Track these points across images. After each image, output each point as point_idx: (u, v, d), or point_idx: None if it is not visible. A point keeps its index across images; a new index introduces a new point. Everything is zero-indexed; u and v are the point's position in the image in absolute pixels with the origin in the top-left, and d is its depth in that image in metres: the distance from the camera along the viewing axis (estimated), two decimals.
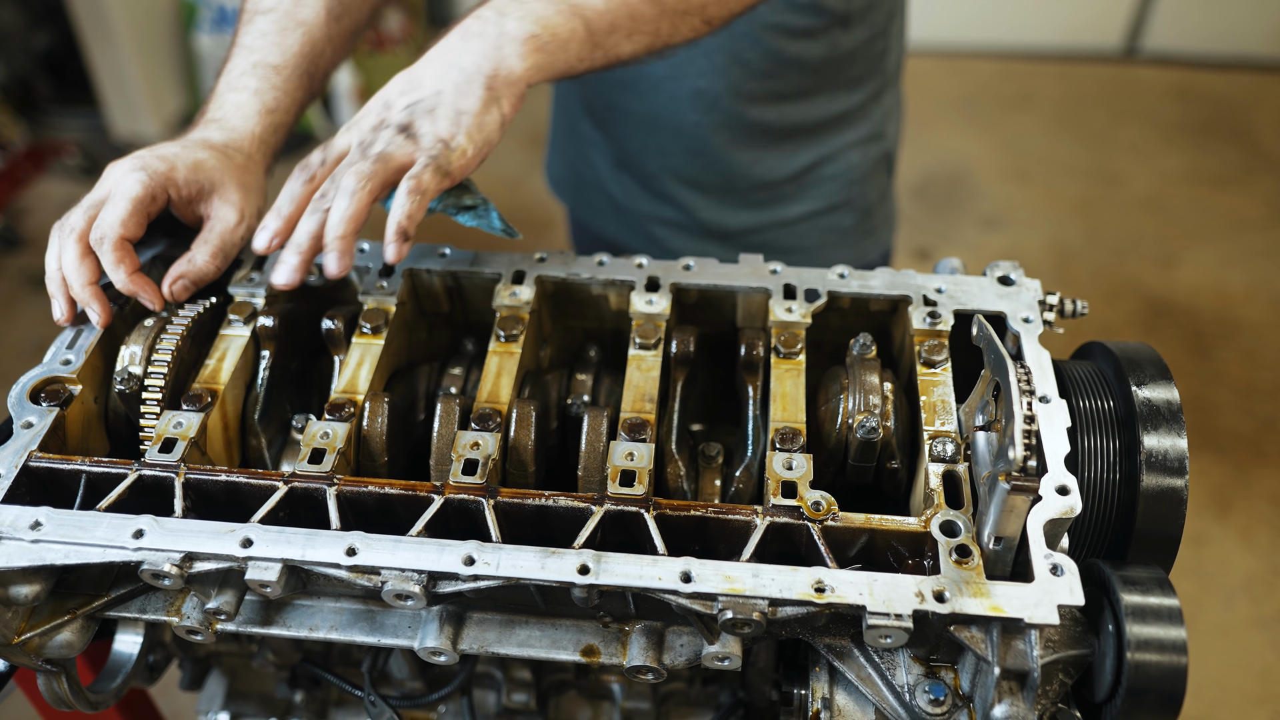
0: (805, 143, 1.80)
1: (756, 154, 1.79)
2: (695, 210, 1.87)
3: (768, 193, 1.84)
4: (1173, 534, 1.01)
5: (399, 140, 1.07)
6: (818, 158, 1.82)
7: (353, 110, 4.99)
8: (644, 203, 1.92)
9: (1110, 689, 0.91)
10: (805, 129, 1.78)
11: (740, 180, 1.82)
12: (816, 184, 1.84)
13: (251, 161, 1.28)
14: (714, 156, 1.78)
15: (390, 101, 1.11)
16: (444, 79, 1.09)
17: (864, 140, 1.84)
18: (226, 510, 1.03)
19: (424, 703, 1.36)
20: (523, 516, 1.01)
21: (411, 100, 1.09)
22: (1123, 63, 5.60)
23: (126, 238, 1.15)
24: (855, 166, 1.84)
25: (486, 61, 1.09)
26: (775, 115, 1.74)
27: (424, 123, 1.07)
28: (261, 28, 1.35)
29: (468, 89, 1.08)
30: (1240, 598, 3.11)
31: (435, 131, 1.07)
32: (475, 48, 1.10)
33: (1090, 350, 1.17)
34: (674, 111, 1.73)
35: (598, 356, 1.32)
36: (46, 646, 1.07)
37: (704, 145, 1.77)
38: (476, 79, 1.08)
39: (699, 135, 1.75)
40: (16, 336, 3.95)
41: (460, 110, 1.07)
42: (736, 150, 1.77)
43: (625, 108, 1.78)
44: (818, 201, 1.85)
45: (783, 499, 0.99)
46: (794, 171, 1.82)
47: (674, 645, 1.03)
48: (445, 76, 1.09)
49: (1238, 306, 4.12)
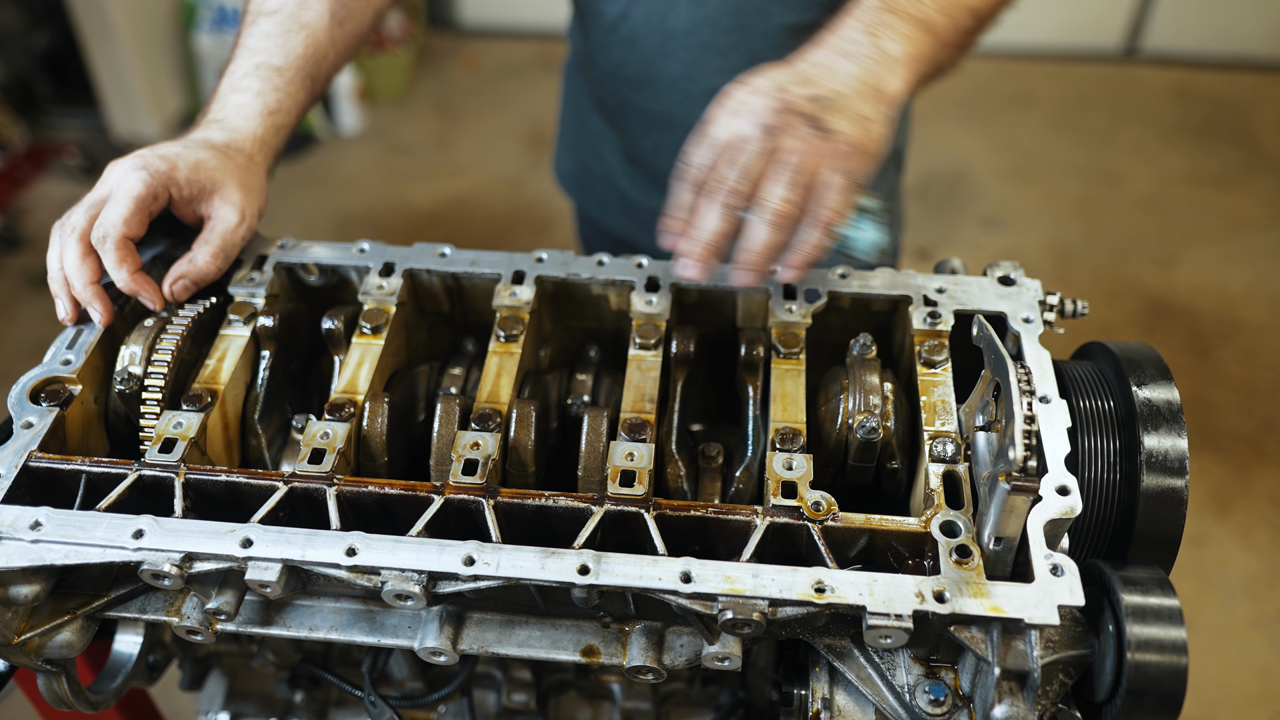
0: None
1: None
2: None
3: None
4: (1173, 534, 1.01)
5: (809, 134, 1.02)
6: None
7: (353, 110, 4.99)
8: (655, 199, 1.92)
9: (1110, 689, 0.91)
10: None
11: None
12: None
13: (253, 162, 1.28)
14: None
15: (784, 86, 1.06)
16: (839, 83, 1.07)
17: None
18: (226, 510, 1.03)
19: (424, 703, 1.36)
20: (523, 517, 1.01)
21: (812, 93, 1.05)
22: (1123, 63, 5.60)
23: (129, 236, 1.15)
24: None
25: (872, 76, 1.09)
26: None
27: (834, 119, 1.04)
28: (265, 29, 1.34)
29: (867, 97, 1.08)
30: (1240, 598, 3.11)
31: (846, 134, 1.03)
32: (860, 64, 1.09)
33: (1090, 350, 1.17)
34: (689, 111, 1.72)
35: (598, 356, 1.32)
36: (46, 646, 1.07)
37: None
38: (868, 91, 1.08)
39: None
40: (16, 336, 3.94)
41: (864, 116, 1.06)
42: None
43: (640, 106, 1.77)
44: None
45: (783, 499, 0.99)
46: None
47: (674, 645, 1.03)
48: (840, 81, 1.07)
49: (1238, 306, 4.12)
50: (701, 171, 1.07)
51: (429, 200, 4.68)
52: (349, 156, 4.96)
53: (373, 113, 5.19)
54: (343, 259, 1.28)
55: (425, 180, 4.81)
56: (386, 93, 5.27)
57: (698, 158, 1.08)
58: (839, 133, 1.04)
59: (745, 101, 1.07)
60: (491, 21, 5.89)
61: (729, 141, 1.07)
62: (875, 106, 1.09)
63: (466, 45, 5.80)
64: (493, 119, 5.23)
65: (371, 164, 4.92)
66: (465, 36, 5.89)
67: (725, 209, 1.05)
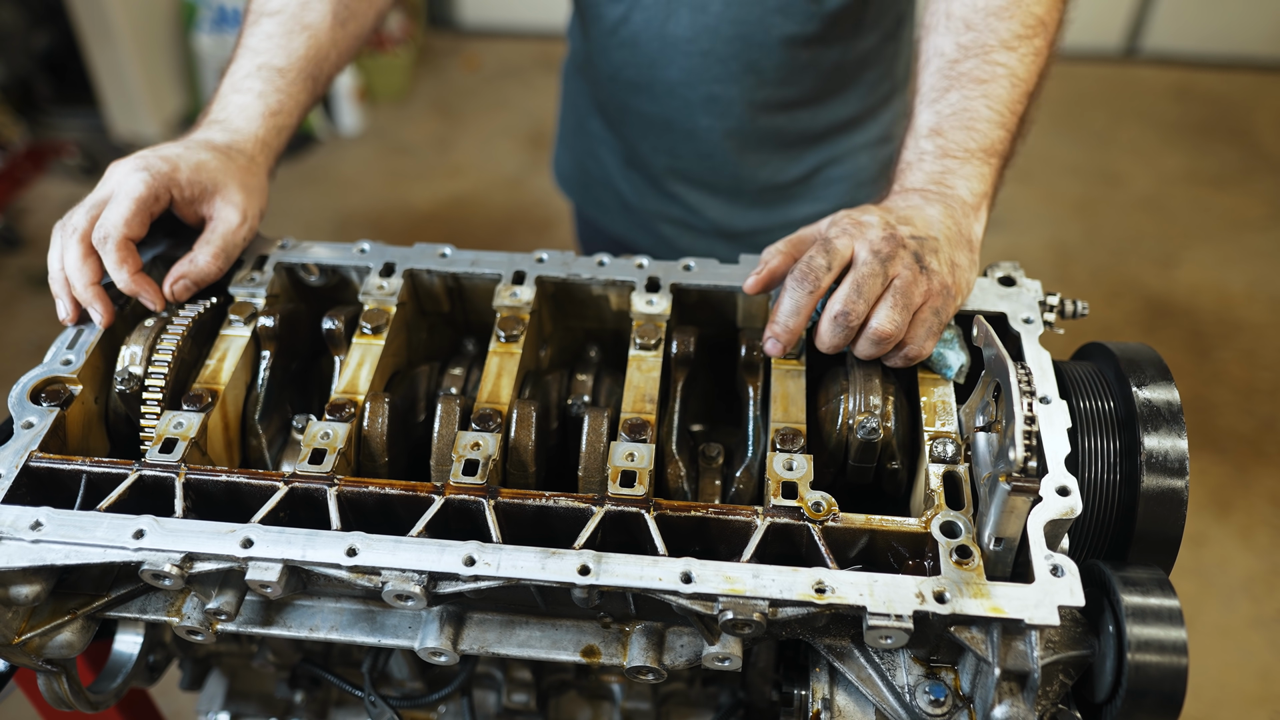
0: (814, 146, 1.80)
1: (765, 157, 1.79)
2: (703, 210, 1.87)
3: (776, 194, 1.85)
4: (1173, 535, 1.01)
5: (915, 269, 1.06)
6: (826, 160, 1.82)
7: (353, 110, 4.99)
8: (653, 201, 1.92)
9: (1110, 690, 0.91)
10: (815, 134, 1.78)
11: (749, 182, 1.82)
12: (825, 185, 1.85)
13: (254, 163, 1.28)
14: (724, 159, 1.78)
15: (889, 222, 1.10)
16: (931, 227, 1.10)
17: (873, 143, 1.84)
18: (227, 510, 1.03)
19: (424, 703, 1.36)
20: (523, 517, 1.01)
21: (915, 232, 1.09)
22: (1123, 63, 5.60)
23: (130, 237, 1.15)
24: (864, 169, 1.85)
25: (955, 224, 1.12)
26: (786, 120, 1.74)
27: (932, 260, 1.08)
28: (267, 30, 1.34)
29: (958, 244, 1.11)
30: (1240, 598, 3.11)
31: (942, 275, 1.08)
32: (944, 209, 1.13)
33: (1090, 351, 1.17)
34: (687, 115, 1.73)
35: (598, 357, 1.32)
36: (47, 647, 1.07)
37: (715, 148, 1.77)
38: (958, 238, 1.12)
39: (711, 139, 1.75)
40: (16, 336, 3.95)
41: (956, 264, 1.10)
42: (747, 154, 1.78)
43: (639, 109, 1.78)
44: (826, 203, 1.85)
45: (783, 500, 0.99)
46: (802, 174, 1.83)
47: (674, 646, 1.03)
48: (931, 225, 1.10)
49: (1238, 306, 4.12)
50: (823, 275, 1.08)
51: (429, 200, 4.68)
52: (349, 156, 4.96)
53: (373, 113, 5.19)
54: (343, 259, 1.28)
55: (425, 180, 4.82)
56: (386, 93, 5.27)
57: (821, 260, 1.08)
58: (936, 272, 1.08)
59: (860, 222, 1.10)
60: (491, 21, 5.89)
61: (848, 256, 1.09)
62: (966, 254, 1.13)
63: (466, 45, 5.81)
64: (493, 119, 5.23)
65: (371, 164, 4.92)
66: (465, 36, 5.89)
67: (837, 327, 1.07)
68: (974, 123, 1.19)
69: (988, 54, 1.21)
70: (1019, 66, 1.22)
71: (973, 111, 1.19)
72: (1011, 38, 1.22)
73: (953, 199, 1.15)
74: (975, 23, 1.23)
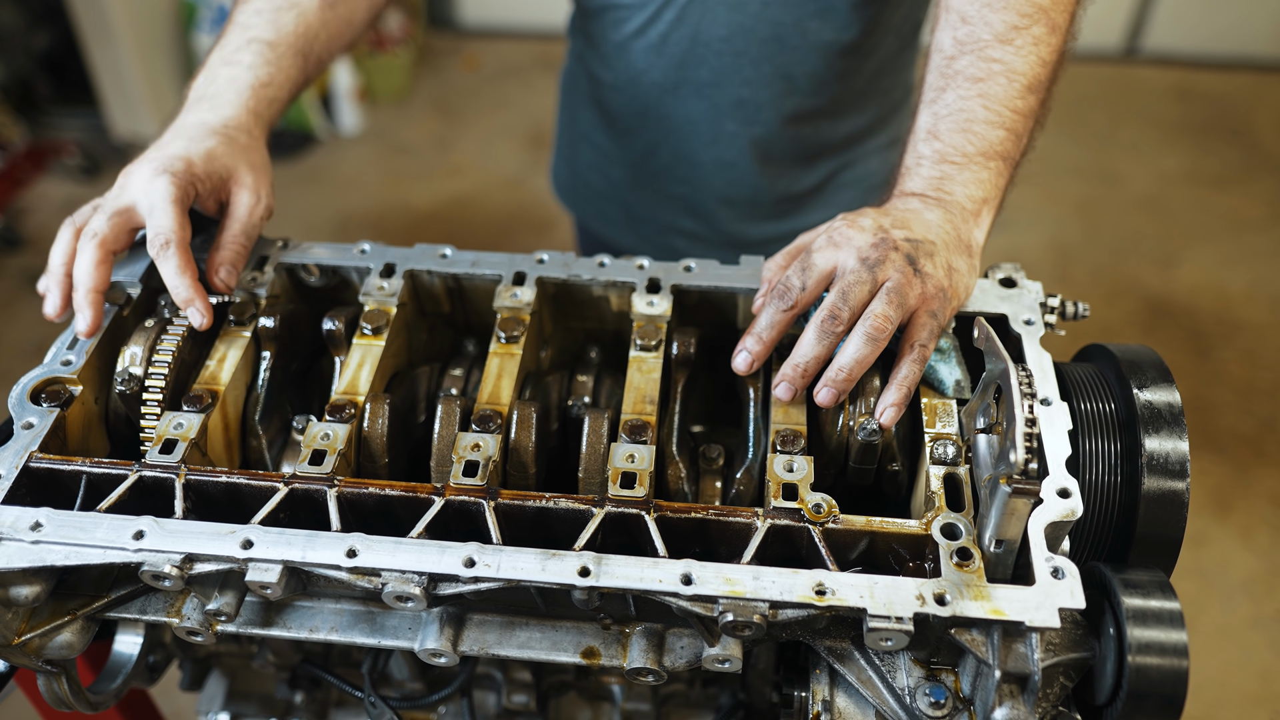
0: (831, 155, 1.80)
1: (784, 168, 1.78)
2: (720, 222, 1.86)
3: (791, 204, 1.84)
4: (1174, 537, 1.01)
5: (908, 271, 1.05)
6: (839, 166, 1.82)
7: (353, 110, 4.99)
8: (664, 214, 1.90)
9: (1111, 692, 0.91)
10: (834, 144, 1.78)
11: (766, 193, 1.81)
12: (836, 191, 1.84)
13: (253, 139, 1.29)
14: (745, 169, 1.77)
15: (883, 226, 1.09)
16: (929, 230, 1.10)
17: (884, 147, 1.84)
18: (227, 511, 1.03)
19: (424, 704, 1.36)
20: (523, 518, 1.01)
21: (910, 235, 1.08)
22: (1123, 63, 5.60)
23: (188, 240, 1.16)
24: (875, 172, 1.84)
25: (954, 229, 1.12)
26: (811, 131, 1.74)
27: (927, 263, 1.07)
28: (256, 6, 1.37)
29: (956, 249, 1.11)
30: (1240, 598, 3.11)
31: (937, 278, 1.07)
32: (943, 213, 1.13)
33: (1091, 353, 1.17)
34: (714, 120, 1.71)
35: (599, 358, 1.32)
36: (47, 647, 1.07)
37: (739, 156, 1.75)
38: (956, 243, 1.11)
39: (736, 145, 1.74)
40: (16, 336, 3.95)
41: (953, 268, 1.10)
42: (769, 164, 1.77)
43: (661, 114, 1.75)
44: (837, 208, 1.83)
45: (783, 501, 0.99)
46: (817, 182, 1.82)
47: (674, 647, 1.03)
48: (929, 229, 1.10)
49: (1238, 306, 4.12)
50: (798, 294, 1.09)
51: (429, 200, 4.68)
52: (349, 157, 4.96)
53: (373, 113, 5.19)
54: (343, 260, 1.28)
55: (425, 180, 4.81)
56: (386, 93, 5.27)
57: (796, 280, 1.09)
58: (931, 275, 1.07)
59: (846, 234, 1.09)
60: (491, 21, 5.89)
61: (828, 270, 1.09)
62: (965, 259, 1.12)
63: (466, 45, 5.80)
64: (492, 119, 5.23)
65: (371, 164, 4.92)
66: (465, 36, 5.89)
67: (823, 333, 1.06)
68: (971, 125, 1.17)
69: (983, 49, 1.19)
70: (1016, 60, 1.19)
71: (969, 113, 1.17)
72: (1006, 29, 1.19)
73: (952, 204, 1.14)
74: (970, 15, 1.20)
